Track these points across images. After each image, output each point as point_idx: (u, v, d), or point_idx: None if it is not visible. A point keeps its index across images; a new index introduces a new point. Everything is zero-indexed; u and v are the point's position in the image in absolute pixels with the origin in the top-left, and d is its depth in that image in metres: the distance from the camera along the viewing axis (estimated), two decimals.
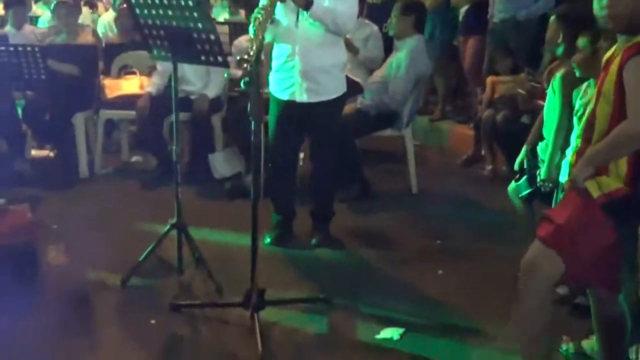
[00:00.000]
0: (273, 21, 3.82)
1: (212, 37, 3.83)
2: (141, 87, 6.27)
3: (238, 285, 3.72)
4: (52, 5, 7.05)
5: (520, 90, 5.68)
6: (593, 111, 2.75)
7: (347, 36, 5.03)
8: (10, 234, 4.15)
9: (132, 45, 6.69)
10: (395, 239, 4.94)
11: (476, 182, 6.19)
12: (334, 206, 4.83)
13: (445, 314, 3.87)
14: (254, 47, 3.36)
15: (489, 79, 6.24)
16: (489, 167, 6.22)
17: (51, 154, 6.51)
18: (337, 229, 4.86)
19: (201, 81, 6.05)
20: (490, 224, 5.12)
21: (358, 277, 4.34)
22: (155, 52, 4.15)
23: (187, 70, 5.88)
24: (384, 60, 6.14)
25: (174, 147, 4.22)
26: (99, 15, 10.13)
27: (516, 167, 4.18)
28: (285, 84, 4.40)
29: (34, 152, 6.67)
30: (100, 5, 11.46)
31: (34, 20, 8.72)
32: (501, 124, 5.78)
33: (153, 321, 3.71)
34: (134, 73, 6.45)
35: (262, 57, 3.55)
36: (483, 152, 6.35)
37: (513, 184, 4.15)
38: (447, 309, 3.92)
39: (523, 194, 4.04)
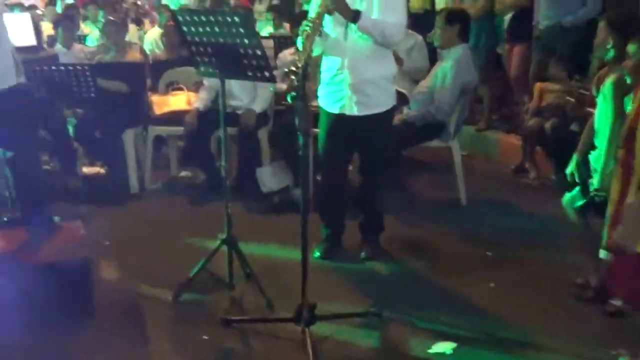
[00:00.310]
0: (321, 34, 3.82)
1: (259, 52, 3.86)
2: (188, 102, 6.34)
3: (289, 299, 3.72)
4: (101, 23, 7.17)
5: (569, 98, 5.60)
6: (635, 119, 2.69)
7: None
8: (64, 250, 4.22)
9: (178, 61, 6.78)
10: (445, 250, 4.90)
11: (525, 191, 6.12)
12: (383, 218, 4.81)
13: (498, 327, 3.82)
14: (302, 61, 3.36)
15: (537, 87, 6.18)
16: (534, 175, 6.16)
17: (102, 171, 6.61)
18: (387, 241, 4.85)
19: (248, 96, 6.08)
20: (541, 233, 5.06)
21: (409, 289, 4.31)
22: (202, 68, 4.19)
23: (234, 85, 5.93)
24: (429, 70, 6.11)
25: (222, 162, 4.25)
26: (146, 32, 10.29)
27: (568, 177, 4.11)
28: (335, 97, 4.40)
29: (85, 169, 6.76)
30: (146, 22, 11.65)
31: (83, 38, 8.87)
32: (550, 132, 5.71)
33: (205, 336, 3.72)
34: (181, 89, 6.52)
35: (310, 70, 3.55)
36: (527, 161, 6.30)
37: (567, 194, 4.08)
38: (499, 321, 3.87)
39: (577, 205, 3.98)
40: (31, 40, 6.10)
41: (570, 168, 4.07)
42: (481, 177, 6.54)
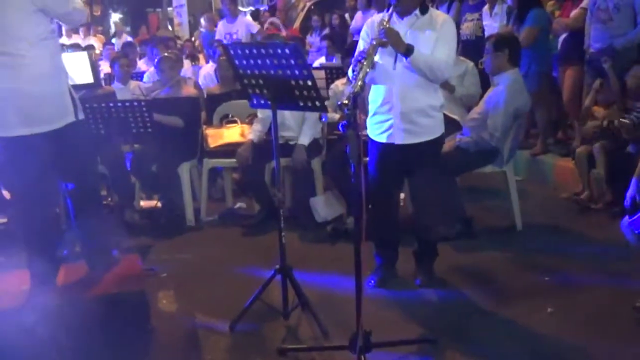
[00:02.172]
0: (374, 65, 3.86)
1: (310, 83, 3.91)
2: (242, 135, 6.42)
3: (344, 327, 3.72)
4: (156, 60, 7.34)
5: (623, 120, 5.53)
6: None
7: None
8: (122, 282, 4.30)
9: (232, 95, 6.89)
10: (502, 276, 4.85)
11: (582, 215, 6.02)
12: (437, 245, 4.79)
13: (557, 354, 3.75)
14: (354, 91, 3.39)
15: (588, 109, 6.11)
16: (590, 199, 6.07)
17: (159, 204, 6.72)
18: (441, 268, 4.82)
19: (300, 126, 6.14)
20: (600, 257, 4.98)
21: (464, 316, 4.27)
22: (254, 100, 4.26)
23: (287, 116, 6.01)
24: (482, 96, 6.09)
25: (276, 193, 4.30)
26: (200, 67, 10.48)
27: (627, 202, 4.04)
28: (383, 126, 4.42)
29: (142, 203, 6.90)
30: (200, 57, 11.87)
31: (139, 75, 9.08)
32: (599, 155, 5.64)
33: None
34: (235, 122, 6.62)
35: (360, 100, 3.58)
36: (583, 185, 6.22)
37: (627, 219, 4.01)
38: (558, 348, 3.80)
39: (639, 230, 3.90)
40: (89, 78, 6.25)
41: (631, 191, 4.00)
42: (537, 202, 6.46)
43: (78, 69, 6.06)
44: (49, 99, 4.15)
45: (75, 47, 10.92)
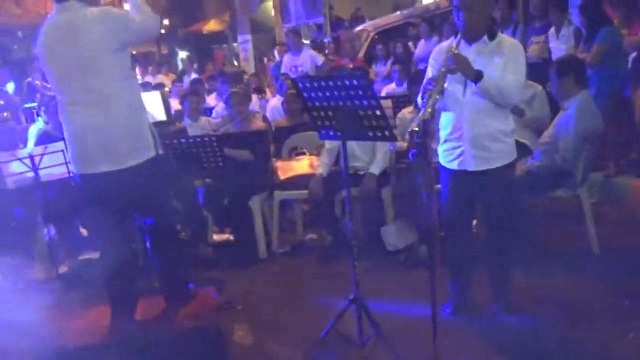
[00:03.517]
0: (443, 92, 3.87)
1: (378, 112, 3.93)
2: (311, 166, 6.49)
3: (420, 356, 3.71)
4: (225, 95, 7.48)
5: None
6: None
7: None
8: (200, 316, 4.37)
9: (300, 127, 6.98)
10: (580, 301, 4.75)
11: None
12: (511, 271, 4.73)
13: None
14: (423, 118, 3.40)
15: None
16: None
17: (231, 237, 6.80)
18: (517, 294, 4.74)
19: (369, 156, 6.17)
20: None
21: (543, 343, 4.20)
22: (323, 132, 4.30)
23: (355, 146, 6.04)
24: (551, 119, 6.02)
25: (347, 223, 4.32)
26: (267, 100, 10.62)
27: None
28: (454, 153, 4.40)
29: (215, 237, 6.98)
30: (267, 91, 12.02)
31: (209, 110, 9.25)
32: None
33: None
34: (303, 153, 6.70)
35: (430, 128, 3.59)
36: None
37: None
38: None
39: None
40: (162, 116, 6.42)
41: None
42: (613, 225, 6.32)
43: (152, 107, 6.23)
44: (131, 134, 4.29)
45: (146, 85, 11.21)
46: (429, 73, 4.28)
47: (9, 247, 6.01)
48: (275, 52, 14.69)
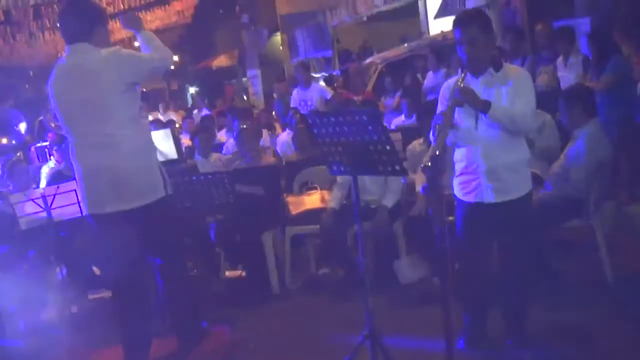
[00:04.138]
0: (453, 126, 3.87)
1: (388, 147, 3.93)
2: (322, 200, 6.48)
3: None
4: (235, 131, 7.51)
5: None
6: None
7: None
8: (214, 355, 4.34)
9: (310, 161, 6.98)
10: (596, 333, 4.70)
11: None
12: (527, 304, 4.69)
13: None
14: (435, 153, 3.40)
15: None
16: None
17: (243, 274, 6.78)
18: (532, 326, 4.69)
19: (380, 189, 6.16)
20: None
21: None
22: (334, 167, 4.30)
23: (366, 180, 6.04)
24: (562, 148, 6.01)
25: (359, 258, 4.30)
26: (277, 135, 10.66)
27: None
28: (470, 186, 4.38)
29: (227, 273, 6.96)
30: (277, 126, 12.07)
31: (219, 146, 9.29)
32: None
33: None
34: (314, 188, 6.69)
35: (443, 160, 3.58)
36: None
37: None
38: None
39: None
40: (173, 154, 6.45)
41: None
42: (628, 253, 6.26)
43: (162, 146, 6.25)
44: (141, 175, 4.31)
45: (157, 122, 11.28)
46: (440, 108, 4.29)
47: (21, 289, 6.00)
48: (275, 90, 14.77)
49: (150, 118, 13.01)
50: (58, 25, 4.71)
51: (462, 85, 4.08)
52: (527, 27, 10.32)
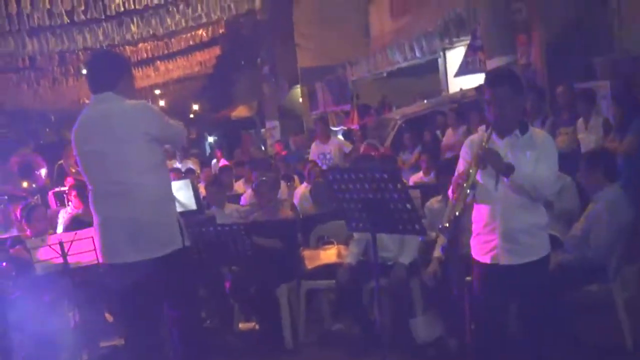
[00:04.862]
0: (474, 186, 3.85)
1: (408, 205, 3.94)
2: (339, 255, 6.45)
3: None
4: (254, 183, 7.52)
5: None
6: None
7: None
8: None
9: (327, 215, 6.96)
10: None
11: None
12: None
13: None
14: (456, 212, 3.39)
15: None
16: None
17: (257, 326, 6.74)
18: None
19: (397, 246, 6.13)
20: None
21: None
22: (353, 224, 4.30)
23: (384, 236, 6.00)
24: (581, 211, 5.97)
25: (375, 315, 4.26)
26: (295, 188, 10.67)
27: None
28: (487, 246, 4.34)
29: (241, 325, 6.91)
30: (295, 179, 12.10)
31: (237, 198, 9.30)
32: None
33: None
34: (331, 243, 6.67)
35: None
36: None
37: None
38: None
39: None
40: (192, 205, 6.47)
41: None
42: None
43: (182, 196, 6.27)
44: (159, 226, 4.32)
45: (176, 171, 11.32)
46: (460, 167, 4.27)
47: (35, 335, 5.98)
48: (291, 143, 14.85)
49: (170, 167, 13.09)
50: (82, 72, 4.78)
51: (486, 146, 4.05)
52: (547, 88, 10.36)
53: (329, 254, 6.55)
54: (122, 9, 12.45)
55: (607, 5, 11.11)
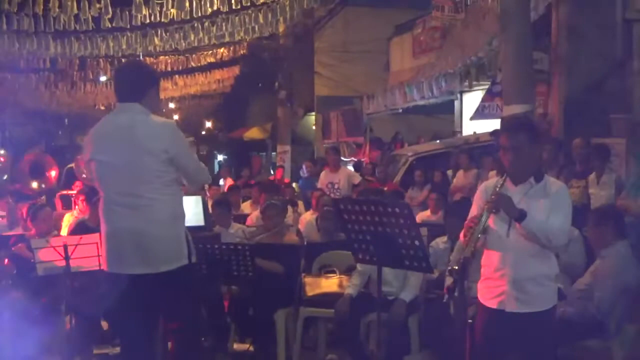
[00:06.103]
0: (485, 230, 3.84)
1: (417, 242, 3.93)
2: (340, 285, 6.43)
3: None
4: (262, 206, 7.52)
5: None
6: None
7: None
8: None
9: (332, 245, 6.96)
10: None
11: None
12: None
13: None
14: (465, 256, 3.38)
15: None
16: None
17: (251, 348, 6.70)
18: None
19: (399, 281, 6.11)
20: None
21: None
22: (360, 255, 4.29)
23: (387, 270, 5.97)
24: (586, 265, 5.95)
25: (372, 348, 4.24)
26: (300, 214, 10.67)
27: None
28: (495, 291, 4.32)
29: (235, 346, 6.87)
30: (300, 204, 12.11)
31: (244, 218, 9.31)
32: None
33: None
34: (333, 272, 6.65)
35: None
36: None
37: None
38: None
39: None
40: (200, 221, 6.48)
41: None
42: None
43: (191, 211, 6.26)
44: (168, 241, 4.31)
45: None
46: (473, 211, 4.26)
47: (28, 337, 5.96)
48: (304, 169, 14.87)
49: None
50: (101, 79, 4.80)
51: (500, 191, 4.05)
52: (563, 140, 10.37)
53: (330, 283, 6.53)
54: (148, 20, 12.54)
55: (626, 68, 11.18)
